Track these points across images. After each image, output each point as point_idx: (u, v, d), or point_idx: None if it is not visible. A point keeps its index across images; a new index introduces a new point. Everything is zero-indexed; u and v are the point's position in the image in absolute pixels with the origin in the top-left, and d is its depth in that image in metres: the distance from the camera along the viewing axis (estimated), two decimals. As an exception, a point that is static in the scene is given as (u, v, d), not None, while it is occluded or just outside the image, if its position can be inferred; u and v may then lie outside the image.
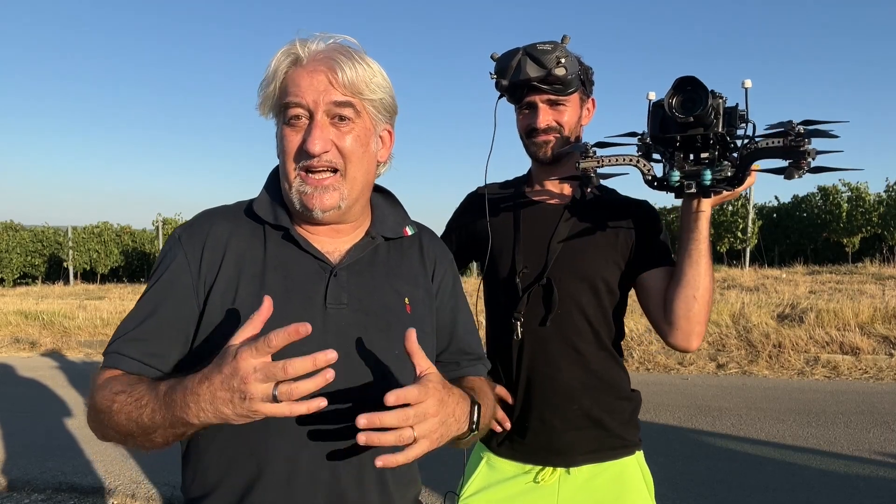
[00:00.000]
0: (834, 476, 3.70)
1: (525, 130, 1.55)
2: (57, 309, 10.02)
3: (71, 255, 17.89)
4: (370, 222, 1.18)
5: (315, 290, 1.06)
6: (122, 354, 1.01)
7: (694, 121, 1.25)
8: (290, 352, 0.99)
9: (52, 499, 3.68)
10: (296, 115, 1.04)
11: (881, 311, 7.05)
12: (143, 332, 1.03)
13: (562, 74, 1.44)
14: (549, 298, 1.49)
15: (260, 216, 1.10)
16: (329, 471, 1.02)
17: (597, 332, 1.52)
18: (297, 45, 1.06)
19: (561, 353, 1.50)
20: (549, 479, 1.51)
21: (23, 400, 5.84)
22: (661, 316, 1.49)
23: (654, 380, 6.07)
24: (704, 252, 1.40)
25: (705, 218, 1.38)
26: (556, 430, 1.51)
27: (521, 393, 1.53)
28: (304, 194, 1.05)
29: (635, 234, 1.53)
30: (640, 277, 1.52)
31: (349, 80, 1.04)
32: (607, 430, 1.52)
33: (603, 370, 1.53)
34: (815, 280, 10.83)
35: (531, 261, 1.53)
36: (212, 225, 1.09)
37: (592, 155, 1.38)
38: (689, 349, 1.50)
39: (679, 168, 1.31)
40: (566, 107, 1.51)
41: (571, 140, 1.55)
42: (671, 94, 1.27)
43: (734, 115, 1.27)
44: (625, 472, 1.53)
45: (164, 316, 1.03)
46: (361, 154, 1.08)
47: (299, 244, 1.08)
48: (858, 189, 14.35)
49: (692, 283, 1.41)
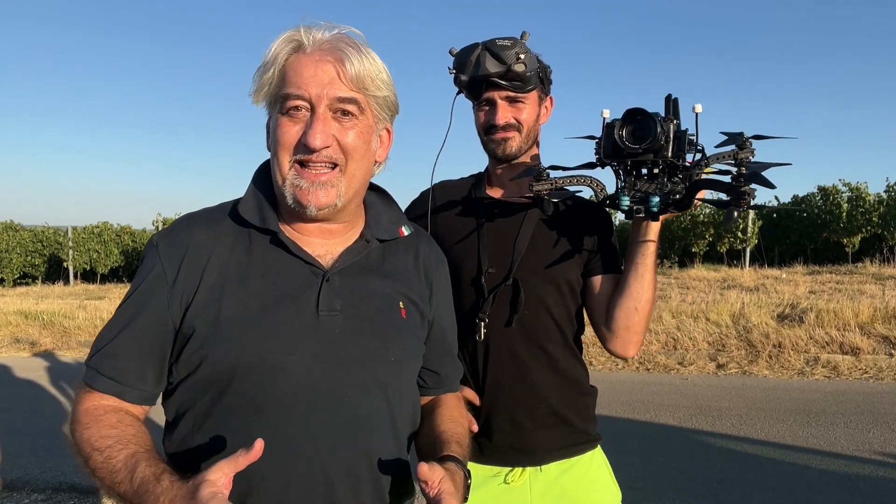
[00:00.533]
0: (834, 476, 3.70)
1: (484, 127, 1.54)
2: (57, 309, 10.01)
3: (71, 255, 17.89)
4: (364, 223, 1.13)
5: (306, 297, 1.01)
6: (98, 372, 1.01)
7: (643, 151, 1.30)
8: (279, 360, 0.97)
9: (52, 499, 3.68)
10: (295, 106, 0.99)
11: (881, 311, 7.05)
12: (116, 347, 1.01)
13: (521, 71, 1.43)
14: (515, 299, 1.49)
15: (246, 219, 1.04)
16: (324, 485, 0.99)
17: (563, 331, 1.53)
18: (301, 32, 1.00)
19: (528, 353, 1.51)
20: (518, 479, 1.51)
21: (23, 400, 5.84)
22: (603, 322, 1.52)
23: (654, 380, 6.07)
24: (650, 266, 1.44)
25: (654, 234, 1.43)
26: (525, 430, 1.51)
27: (487, 394, 1.52)
28: (298, 188, 1.00)
29: (590, 238, 1.55)
30: (588, 281, 1.55)
31: (356, 74, 0.99)
32: (573, 426, 1.54)
33: (568, 368, 1.55)
34: (815, 280, 10.84)
35: (496, 260, 1.51)
36: (192, 232, 1.04)
37: (546, 178, 1.41)
38: (626, 356, 1.55)
39: (629, 190, 1.35)
40: (525, 104, 1.51)
41: (530, 138, 1.55)
42: (620, 124, 1.32)
43: (683, 139, 1.30)
44: (591, 467, 1.56)
45: (136, 330, 1.01)
46: (363, 152, 1.04)
47: (288, 248, 1.03)
48: (859, 189, 14.36)
49: (635, 296, 1.45)
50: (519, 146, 1.53)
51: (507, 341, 1.50)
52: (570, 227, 1.55)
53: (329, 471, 0.99)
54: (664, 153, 1.30)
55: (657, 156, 1.31)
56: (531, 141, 1.56)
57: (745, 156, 1.28)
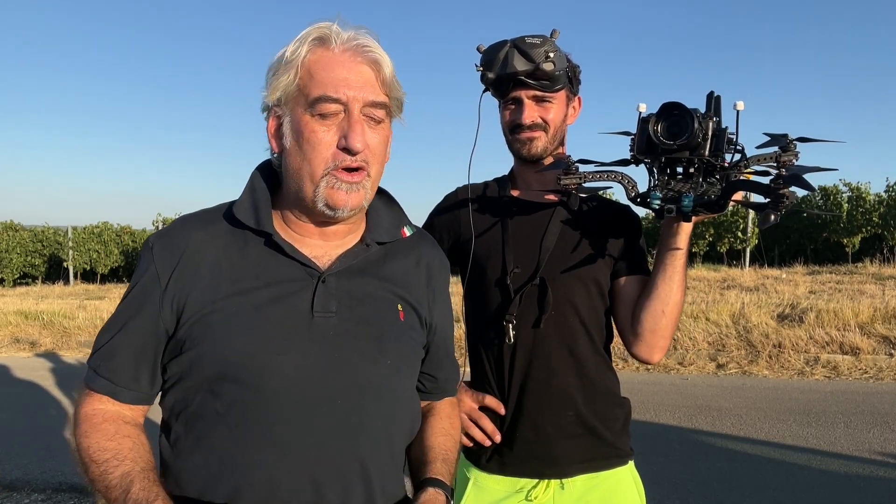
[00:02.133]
0: (834, 476, 3.70)
1: (509, 126, 1.51)
2: (57, 309, 10.01)
3: (71, 255, 17.89)
4: (365, 226, 1.11)
5: (301, 298, 1.00)
6: (96, 373, 1.03)
7: (678, 148, 1.25)
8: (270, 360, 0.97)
9: (52, 499, 3.68)
10: (330, 110, 0.96)
11: (881, 311, 7.05)
12: (112, 348, 1.03)
13: (550, 69, 1.39)
14: (542, 299, 1.44)
15: (241, 220, 1.03)
16: (312, 490, 0.97)
17: (591, 334, 1.48)
18: (331, 29, 0.98)
19: (556, 356, 1.45)
20: (542, 495, 1.45)
21: (22, 400, 5.84)
22: (629, 325, 1.48)
23: (654, 380, 6.06)
24: (679, 268, 1.39)
25: (685, 235, 1.37)
26: (549, 439, 1.45)
27: (512, 400, 1.47)
28: (336, 191, 0.98)
29: (617, 238, 1.51)
30: (614, 282, 1.51)
31: (388, 77, 0.99)
32: (601, 438, 1.48)
33: (597, 375, 1.49)
34: (815, 280, 10.83)
35: (522, 260, 1.47)
36: (187, 234, 1.03)
37: (574, 171, 1.36)
38: (651, 361, 1.50)
39: (661, 188, 1.29)
40: (552, 104, 1.47)
41: (556, 138, 1.52)
42: (655, 119, 1.26)
43: (722, 138, 1.25)
44: (620, 485, 1.49)
45: (130, 332, 1.02)
46: (383, 156, 1.04)
47: (283, 250, 1.02)
48: (859, 189, 14.36)
49: (663, 298, 1.40)
50: (545, 146, 1.50)
51: (536, 344, 1.45)
52: (598, 227, 1.51)
53: (317, 475, 0.97)
54: (701, 151, 1.24)
55: (693, 153, 1.25)
56: (557, 141, 1.52)
57: (788, 159, 1.21)
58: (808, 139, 1.24)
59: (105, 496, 0.94)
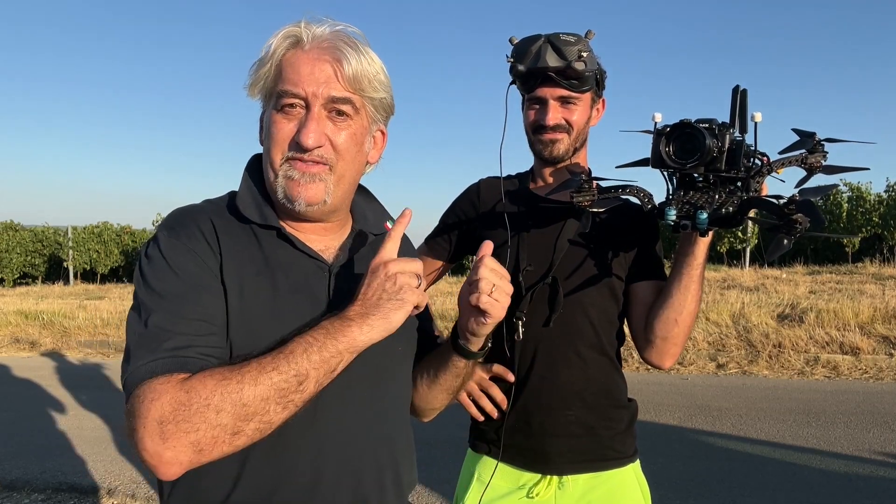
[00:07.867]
0: (834, 476, 3.70)
1: (532, 126, 1.51)
2: (57, 309, 10.01)
3: (71, 255, 17.89)
4: (352, 221, 1.14)
5: (318, 289, 1.03)
6: (185, 356, 0.87)
7: (691, 168, 1.23)
8: None
9: (52, 499, 3.68)
10: (290, 103, 0.98)
11: (881, 311, 7.06)
12: (203, 327, 0.92)
13: (581, 69, 1.39)
14: (553, 298, 1.45)
15: (246, 216, 1.03)
16: (352, 476, 0.99)
17: (598, 335, 1.48)
18: (301, 28, 0.99)
19: (560, 354, 1.47)
20: (544, 492, 1.47)
21: (23, 400, 5.84)
22: (641, 330, 1.48)
23: (654, 380, 6.06)
24: (696, 278, 1.39)
25: (703, 247, 1.36)
26: (547, 435, 1.47)
27: (516, 395, 1.49)
28: (290, 180, 0.99)
29: (634, 242, 1.51)
30: (628, 287, 1.51)
31: (353, 74, 0.98)
32: (600, 439, 1.48)
33: (601, 376, 1.49)
34: (815, 280, 10.84)
35: (536, 259, 1.48)
36: (197, 223, 1.00)
37: (587, 189, 1.35)
38: (662, 367, 1.50)
39: (677, 203, 1.27)
40: (577, 105, 1.47)
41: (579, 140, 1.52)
42: (666, 140, 1.25)
43: (739, 151, 1.21)
44: (623, 486, 1.49)
45: (206, 307, 0.93)
46: (354, 154, 1.03)
47: (294, 244, 1.03)
48: (859, 189, 14.37)
49: (676, 307, 1.40)
50: (567, 148, 1.50)
51: (543, 342, 1.47)
52: (615, 231, 1.50)
53: (355, 461, 1.00)
54: (717, 165, 1.21)
55: (708, 169, 1.23)
56: (579, 143, 1.52)
57: (815, 160, 1.18)
58: (836, 139, 1.21)
59: (283, 364, 0.85)
